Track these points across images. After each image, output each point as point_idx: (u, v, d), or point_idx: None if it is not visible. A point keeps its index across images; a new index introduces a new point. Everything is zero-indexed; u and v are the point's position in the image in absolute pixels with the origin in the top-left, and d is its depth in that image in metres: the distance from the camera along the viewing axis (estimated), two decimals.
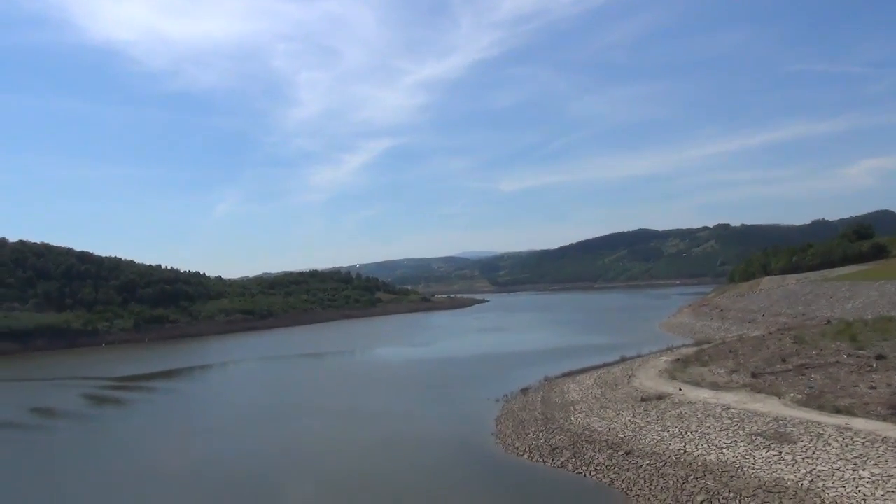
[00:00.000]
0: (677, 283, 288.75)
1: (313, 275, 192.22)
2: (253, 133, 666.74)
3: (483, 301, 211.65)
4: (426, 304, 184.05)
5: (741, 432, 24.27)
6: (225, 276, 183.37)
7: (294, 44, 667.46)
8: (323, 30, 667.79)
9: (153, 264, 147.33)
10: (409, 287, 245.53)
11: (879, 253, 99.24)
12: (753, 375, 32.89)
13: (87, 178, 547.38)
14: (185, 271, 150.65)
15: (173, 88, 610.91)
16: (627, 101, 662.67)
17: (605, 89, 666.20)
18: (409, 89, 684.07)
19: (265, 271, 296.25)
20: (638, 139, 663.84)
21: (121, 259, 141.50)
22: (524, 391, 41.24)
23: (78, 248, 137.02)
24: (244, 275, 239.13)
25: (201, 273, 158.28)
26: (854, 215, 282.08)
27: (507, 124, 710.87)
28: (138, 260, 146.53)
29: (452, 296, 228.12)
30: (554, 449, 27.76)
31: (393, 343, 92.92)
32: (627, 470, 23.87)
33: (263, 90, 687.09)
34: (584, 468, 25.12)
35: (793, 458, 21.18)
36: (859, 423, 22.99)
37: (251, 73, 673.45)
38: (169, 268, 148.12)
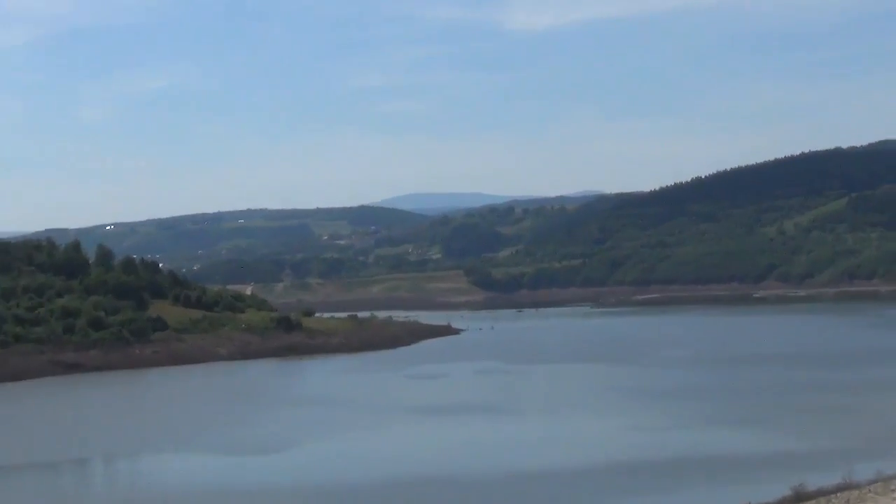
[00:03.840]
0: None
1: None
2: None
3: (450, 330, 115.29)
4: (291, 337, 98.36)
5: None
6: None
7: None
8: None
9: None
10: (249, 287, 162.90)
11: None
12: None
13: None
14: None
15: None
16: None
17: None
18: None
19: None
20: None
21: None
22: None
23: None
24: None
25: None
26: None
27: None
28: None
29: (370, 314, 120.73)
30: None
31: (190, 446, 53.97)
32: None
33: None
34: None
35: None
36: None
37: None
38: None
